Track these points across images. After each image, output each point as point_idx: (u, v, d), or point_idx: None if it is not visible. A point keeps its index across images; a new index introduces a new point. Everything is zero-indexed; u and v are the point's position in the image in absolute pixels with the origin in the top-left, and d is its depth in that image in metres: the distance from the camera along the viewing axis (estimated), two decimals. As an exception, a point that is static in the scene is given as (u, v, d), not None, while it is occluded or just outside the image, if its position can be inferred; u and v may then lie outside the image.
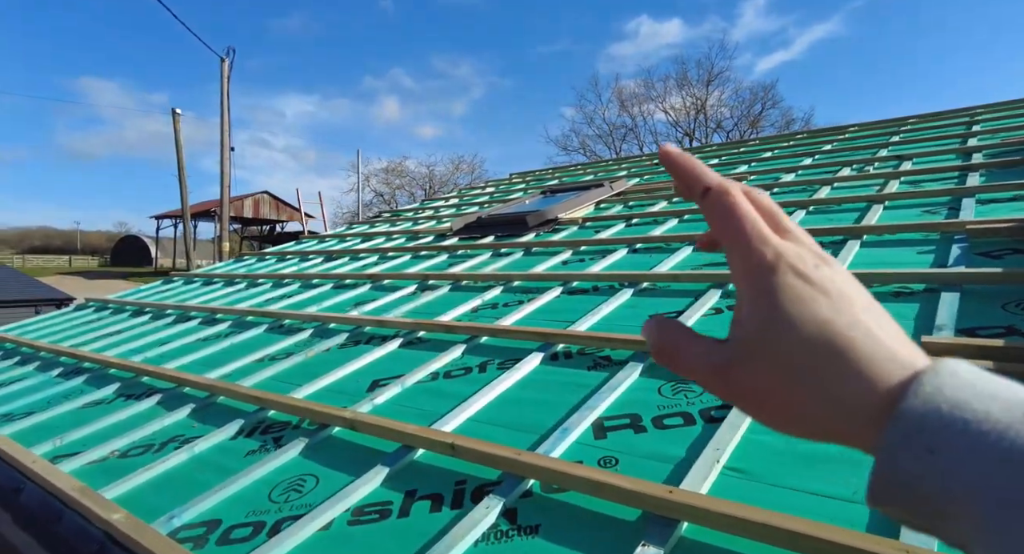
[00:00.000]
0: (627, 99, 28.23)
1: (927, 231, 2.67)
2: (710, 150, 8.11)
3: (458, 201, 8.16)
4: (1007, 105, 5.96)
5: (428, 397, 2.04)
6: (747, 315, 0.31)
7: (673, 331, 0.35)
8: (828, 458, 1.29)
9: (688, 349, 0.34)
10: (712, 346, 0.33)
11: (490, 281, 3.39)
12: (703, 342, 0.34)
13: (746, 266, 0.32)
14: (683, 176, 0.35)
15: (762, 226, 0.32)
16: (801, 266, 0.30)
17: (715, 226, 0.33)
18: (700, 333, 0.35)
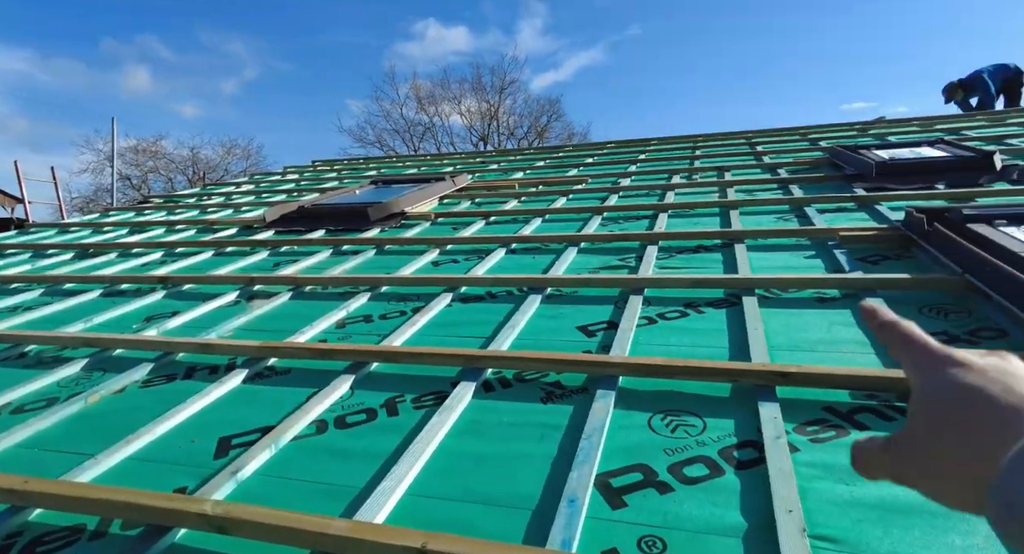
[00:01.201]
0: (424, 97, 27.94)
1: (799, 237, 2.79)
2: (490, 156, 8.23)
3: (254, 188, 6.95)
4: (774, 131, 7.02)
5: (324, 461, 1.40)
6: (913, 401, 0.37)
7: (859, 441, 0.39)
8: (909, 510, 1.07)
9: (867, 444, 0.38)
10: (878, 438, 0.38)
11: (347, 286, 2.73)
12: (875, 438, 0.38)
13: (916, 362, 0.37)
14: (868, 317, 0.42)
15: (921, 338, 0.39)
16: (960, 354, 0.36)
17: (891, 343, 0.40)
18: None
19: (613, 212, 3.73)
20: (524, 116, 27.98)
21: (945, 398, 0.33)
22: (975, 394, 0.32)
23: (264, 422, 1.59)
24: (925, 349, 0.37)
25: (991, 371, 0.33)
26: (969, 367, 0.34)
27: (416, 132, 27.17)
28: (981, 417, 0.31)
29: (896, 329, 0.39)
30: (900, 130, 6.21)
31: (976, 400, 0.32)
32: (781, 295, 2.12)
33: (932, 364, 0.36)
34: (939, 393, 0.34)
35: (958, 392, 0.33)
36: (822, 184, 3.94)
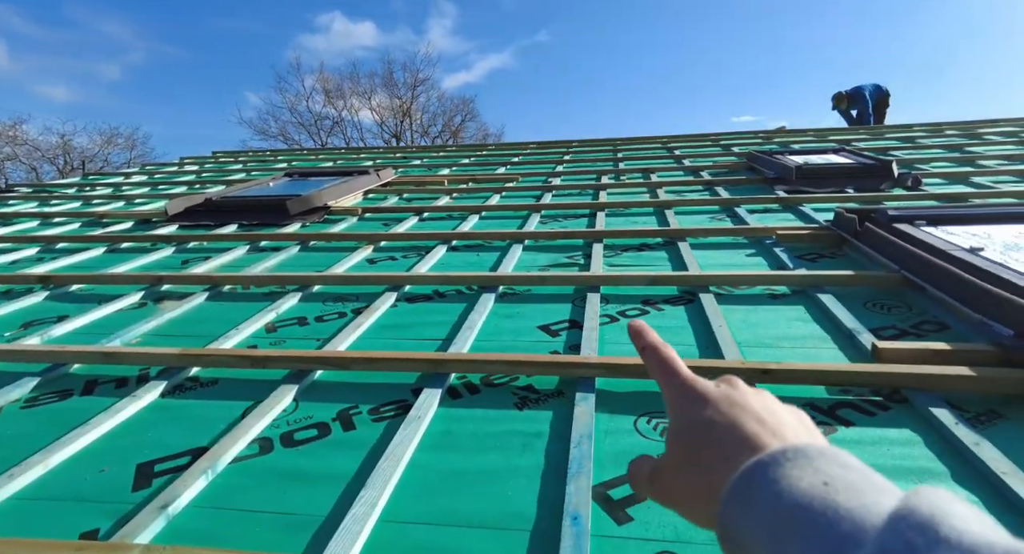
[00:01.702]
0: (332, 91, 26.81)
1: (737, 235, 2.86)
2: (411, 151, 8.03)
3: (147, 179, 6.28)
4: (689, 136, 7.33)
5: (276, 485, 1.20)
6: (666, 435, 0.38)
7: (635, 462, 0.41)
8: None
9: (639, 467, 0.40)
10: (650, 461, 0.39)
11: (272, 285, 2.46)
12: (648, 460, 0.40)
13: (666, 395, 0.39)
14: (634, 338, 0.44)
15: (673, 368, 0.40)
16: (699, 387, 0.38)
17: (650, 369, 0.42)
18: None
19: (551, 210, 3.67)
20: (438, 115, 27.62)
21: (687, 437, 0.36)
22: (708, 432, 0.35)
23: (193, 442, 1.36)
24: (675, 380, 0.39)
25: (722, 404, 0.35)
26: (706, 401, 0.36)
27: (324, 126, 26.00)
28: (712, 454, 0.33)
29: (656, 354, 0.41)
30: (799, 139, 6.68)
31: (708, 437, 0.34)
32: (733, 292, 2.14)
33: (680, 398, 0.38)
34: (683, 431, 0.36)
35: (696, 430, 0.35)
36: (745, 186, 4.12)
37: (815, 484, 0.27)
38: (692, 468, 0.34)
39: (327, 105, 25.96)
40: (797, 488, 0.27)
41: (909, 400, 1.36)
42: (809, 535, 0.25)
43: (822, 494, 0.26)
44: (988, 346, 1.47)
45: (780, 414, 0.35)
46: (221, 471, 1.25)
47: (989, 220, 2.38)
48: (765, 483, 0.29)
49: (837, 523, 0.25)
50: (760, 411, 0.35)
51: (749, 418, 0.34)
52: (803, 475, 0.28)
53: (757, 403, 0.36)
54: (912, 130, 6.67)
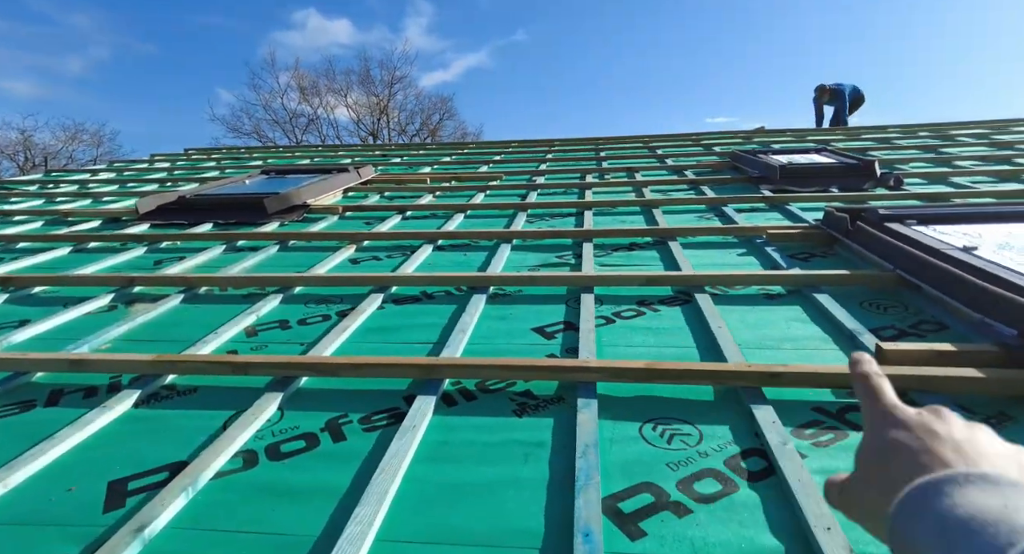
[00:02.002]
0: (307, 88, 26.36)
1: (727, 235, 2.84)
2: (391, 149, 7.91)
3: (116, 176, 6.06)
4: (669, 136, 7.34)
5: (263, 503, 1.12)
6: (858, 451, 0.40)
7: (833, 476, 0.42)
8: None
9: (835, 479, 0.42)
10: (846, 476, 0.41)
11: (251, 287, 2.35)
12: (843, 475, 0.41)
13: (866, 417, 0.41)
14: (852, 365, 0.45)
15: (880, 393, 0.42)
16: (900, 413, 0.40)
17: (858, 394, 0.43)
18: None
19: (537, 209, 3.61)
20: (416, 113, 27.36)
21: (878, 454, 0.38)
22: (898, 450, 0.36)
23: (171, 457, 1.26)
24: (878, 404, 0.41)
25: (918, 430, 0.37)
26: (903, 425, 0.38)
27: (299, 124, 25.56)
28: (899, 470, 0.35)
29: (868, 381, 0.42)
30: (778, 139, 6.74)
31: (897, 456, 0.36)
32: (729, 292, 2.11)
33: (879, 420, 0.39)
34: (874, 450, 0.38)
35: (887, 450, 0.37)
36: (730, 185, 4.11)
37: (993, 504, 0.28)
38: (877, 485, 0.36)
39: (302, 102, 25.54)
40: (973, 503, 0.28)
41: (917, 403, 1.33)
42: (976, 541, 0.26)
43: (999, 510, 0.27)
44: (992, 347, 1.45)
45: (987, 449, 0.35)
46: (202, 488, 1.16)
47: (978, 219, 2.39)
48: (938, 496, 0.30)
49: (1008, 534, 0.25)
50: (961, 442, 0.35)
51: (946, 447, 0.35)
52: (982, 495, 0.29)
53: (960, 435, 0.36)
54: (887, 131, 6.78)
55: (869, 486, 0.37)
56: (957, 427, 0.37)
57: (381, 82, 26.43)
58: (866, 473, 0.38)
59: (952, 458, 0.34)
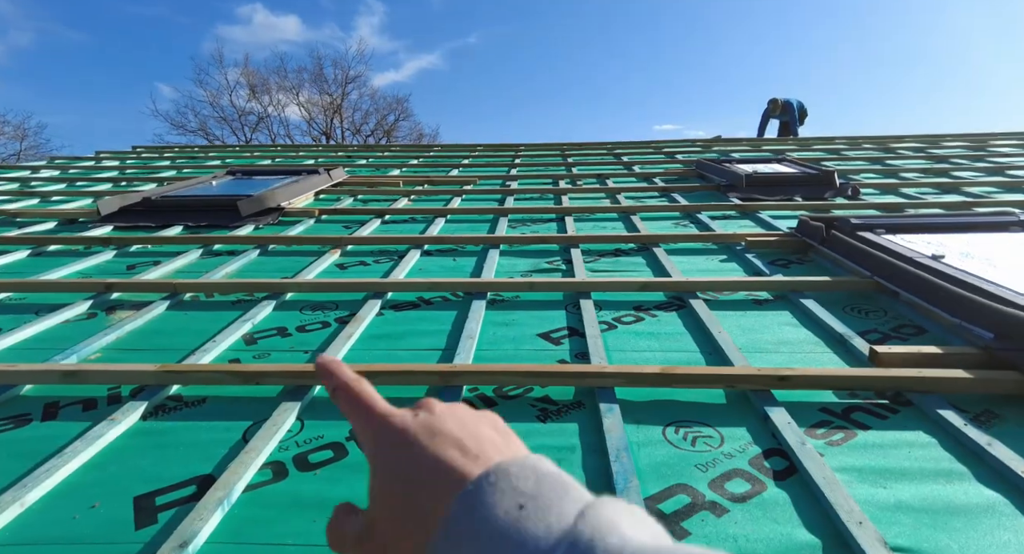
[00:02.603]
0: (258, 85, 25.56)
1: (706, 242, 2.95)
2: (355, 150, 7.79)
3: (60, 174, 5.74)
4: (632, 143, 7.53)
5: (303, 515, 1.10)
6: (370, 485, 0.34)
7: (336, 514, 0.35)
8: (952, 510, 1.11)
9: (342, 525, 0.35)
10: (357, 517, 0.35)
11: (240, 293, 2.29)
12: (354, 516, 0.35)
13: (364, 439, 0.36)
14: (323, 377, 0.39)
15: (369, 404, 0.36)
16: (397, 422, 0.34)
17: (344, 411, 0.37)
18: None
19: (518, 214, 3.64)
20: (371, 112, 26.96)
21: (394, 487, 0.32)
22: (414, 475, 0.32)
23: (194, 471, 1.22)
24: (372, 420, 0.35)
25: (423, 437, 0.33)
26: (406, 439, 0.33)
27: (248, 122, 24.75)
28: (422, 501, 0.31)
29: (349, 392, 0.37)
30: (736, 148, 7.02)
31: (416, 481, 0.32)
32: (719, 297, 2.19)
33: (380, 440, 0.34)
34: (388, 481, 0.33)
35: (402, 478, 0.32)
36: (698, 193, 4.26)
37: (510, 510, 0.27)
38: (406, 521, 0.31)
39: (252, 100, 24.75)
40: (494, 517, 0.27)
41: (913, 403, 1.43)
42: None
43: (514, 521, 0.26)
44: (974, 349, 1.58)
45: (478, 431, 0.34)
46: (235, 501, 1.13)
47: (938, 230, 2.57)
48: (466, 520, 0.28)
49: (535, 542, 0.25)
50: (459, 434, 0.33)
51: (450, 447, 0.32)
52: (501, 501, 0.27)
53: (454, 426, 0.34)
54: (835, 142, 7.16)
55: (395, 524, 0.32)
56: (448, 418, 0.35)
57: (335, 81, 25.94)
58: (389, 509, 0.32)
59: (463, 462, 0.31)
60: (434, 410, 0.36)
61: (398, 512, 0.32)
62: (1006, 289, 1.78)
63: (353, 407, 0.37)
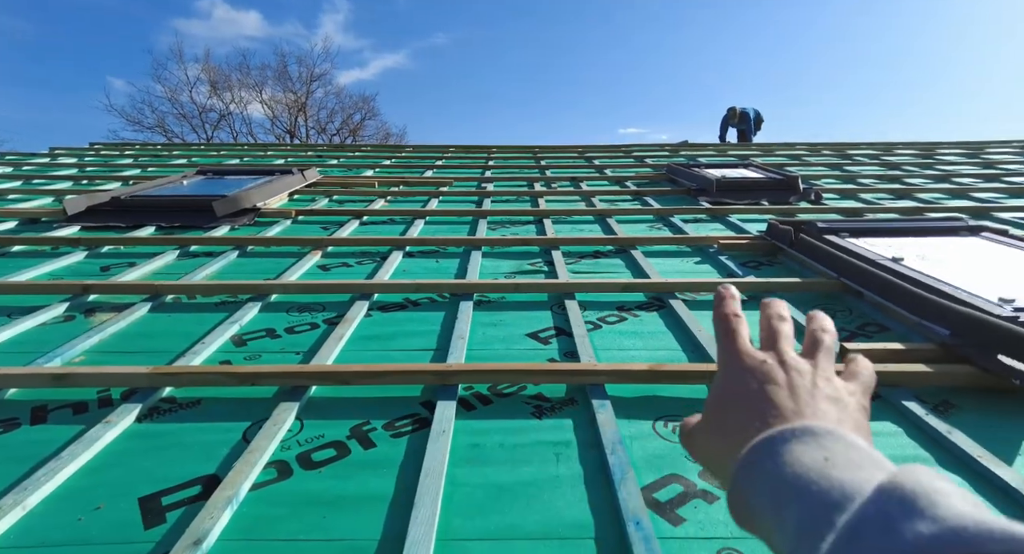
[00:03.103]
0: (219, 82, 24.90)
1: (681, 244, 3.05)
2: (325, 150, 7.73)
3: (12, 171, 5.53)
4: (602, 147, 7.66)
5: (314, 511, 1.12)
6: (709, 392, 0.42)
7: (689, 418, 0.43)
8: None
9: (686, 423, 0.43)
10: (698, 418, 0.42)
11: (223, 295, 2.27)
12: (696, 417, 0.42)
13: (719, 360, 0.42)
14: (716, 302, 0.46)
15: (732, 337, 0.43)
16: (748, 360, 0.40)
17: (716, 335, 0.44)
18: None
19: (497, 216, 3.69)
20: (336, 111, 26.59)
21: (721, 403, 0.39)
22: (738, 401, 0.37)
23: (198, 471, 1.23)
24: (731, 347, 0.42)
25: (759, 375, 0.38)
26: (749, 373, 0.39)
27: (209, 119, 24.11)
28: (736, 422, 0.36)
29: (727, 323, 0.43)
30: (702, 153, 7.22)
31: (737, 406, 0.37)
32: (696, 298, 2.29)
33: (728, 365, 0.40)
34: (719, 398, 0.39)
35: (730, 398, 0.38)
36: (670, 197, 4.39)
37: (816, 459, 0.29)
38: (718, 432, 0.38)
39: (213, 97, 24.11)
40: (799, 461, 0.29)
41: (881, 395, 1.54)
42: (803, 501, 0.27)
43: (820, 467, 0.29)
44: (931, 345, 1.70)
45: (820, 393, 0.37)
46: (243, 499, 1.15)
47: (896, 234, 2.73)
48: (769, 456, 0.31)
49: (828, 492, 0.27)
50: (798, 388, 0.37)
51: (780, 393, 0.36)
52: (806, 450, 0.30)
53: (799, 381, 0.37)
54: (795, 148, 7.44)
55: (710, 431, 0.39)
56: (797, 372, 0.38)
57: (299, 79, 25.46)
58: (709, 419, 0.39)
59: (787, 405, 0.35)
60: (786, 360, 0.39)
61: (714, 426, 0.39)
62: (960, 289, 1.92)
63: (725, 334, 0.43)
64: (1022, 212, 3.69)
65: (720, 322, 0.44)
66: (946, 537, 0.21)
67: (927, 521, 0.22)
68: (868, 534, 0.23)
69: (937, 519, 0.22)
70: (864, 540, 0.23)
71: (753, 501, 0.31)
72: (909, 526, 0.22)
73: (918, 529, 0.22)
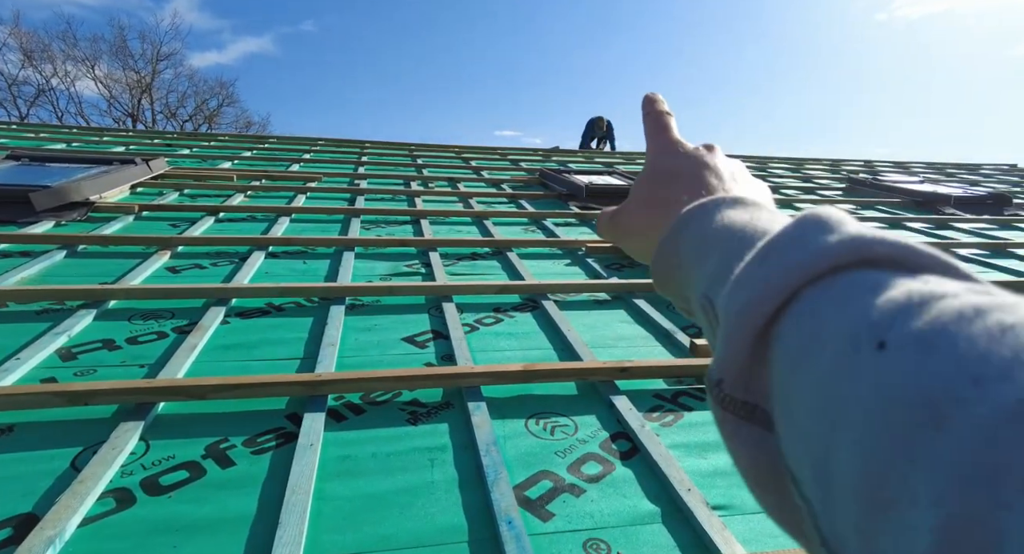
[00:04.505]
0: (36, 51, 21.53)
1: (552, 247, 3.17)
2: (174, 138, 7.12)
3: None
4: (478, 148, 7.74)
5: (159, 542, 1.01)
6: (637, 180, 0.43)
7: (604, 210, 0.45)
8: (748, 465, 1.37)
9: (604, 213, 0.45)
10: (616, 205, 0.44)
11: (46, 301, 1.98)
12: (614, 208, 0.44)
13: (649, 148, 0.44)
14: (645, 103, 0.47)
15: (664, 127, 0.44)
16: (681, 147, 0.42)
17: (646, 129, 0.45)
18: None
19: (372, 215, 3.58)
20: (189, 95, 24.24)
21: (653, 180, 0.41)
22: (672, 178, 0.40)
23: (10, 510, 1.06)
24: (662, 136, 0.44)
25: (693, 159, 0.41)
26: (681, 156, 0.41)
27: (24, 94, 20.83)
28: (669, 196, 0.38)
29: (659, 118, 0.46)
30: (572, 159, 7.56)
31: (670, 182, 0.40)
32: (567, 298, 2.40)
33: (661, 151, 0.43)
34: (651, 176, 0.42)
35: (663, 176, 0.41)
36: (542, 200, 4.54)
37: (743, 217, 0.31)
38: (648, 206, 0.40)
39: (28, 68, 20.83)
40: (727, 216, 0.32)
41: (724, 385, 1.71)
42: (726, 245, 0.29)
43: (745, 219, 0.31)
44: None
45: (741, 178, 0.40)
46: (70, 538, 1.01)
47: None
48: (703, 214, 0.33)
49: (752, 236, 0.28)
50: (724, 172, 0.40)
51: (712, 175, 0.39)
52: (738, 212, 0.32)
53: (724, 166, 0.41)
54: (655, 158, 8.05)
55: (641, 207, 0.41)
56: (721, 160, 0.42)
57: (142, 57, 22.85)
58: (640, 195, 0.41)
59: (716, 184, 0.38)
60: (714, 151, 0.42)
61: (645, 202, 0.40)
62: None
63: (655, 126, 0.44)
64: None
65: (656, 117, 0.45)
66: (846, 242, 0.23)
67: (833, 234, 0.24)
68: (781, 246, 0.24)
69: (841, 233, 0.24)
70: (777, 250, 0.24)
71: (680, 252, 0.33)
72: (817, 238, 0.24)
73: (826, 239, 0.24)
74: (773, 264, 0.24)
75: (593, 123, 10.86)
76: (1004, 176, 7.75)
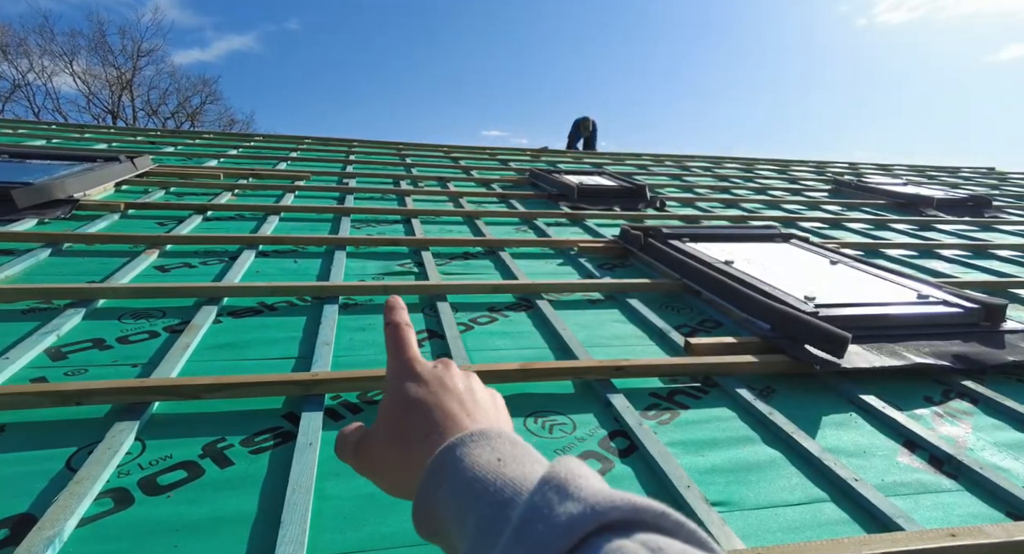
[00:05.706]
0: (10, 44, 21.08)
1: (544, 246, 3.18)
2: (158, 135, 7.01)
3: None
4: (468, 148, 7.73)
5: (159, 542, 1.00)
6: (379, 407, 0.42)
7: (345, 428, 0.43)
8: (753, 467, 1.39)
9: (347, 433, 0.42)
10: (360, 429, 0.42)
11: (32, 300, 1.94)
12: (358, 429, 0.42)
13: (390, 369, 0.43)
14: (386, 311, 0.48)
15: (404, 346, 0.45)
16: (418, 367, 0.42)
17: (387, 344, 0.45)
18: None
19: (362, 215, 3.56)
20: (171, 93, 23.94)
21: (396, 412, 0.39)
22: (415, 409, 0.39)
23: (6, 511, 1.04)
24: (401, 357, 0.43)
25: (433, 384, 0.40)
26: (421, 381, 0.41)
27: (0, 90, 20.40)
28: (415, 431, 0.37)
29: (397, 331, 0.46)
30: (561, 159, 7.58)
31: (414, 415, 0.38)
32: (560, 298, 2.40)
33: (400, 375, 0.42)
34: (393, 407, 0.40)
35: (405, 407, 0.39)
36: (533, 200, 4.55)
37: (491, 460, 0.32)
38: (395, 442, 0.38)
39: (3, 62, 20.41)
40: (476, 464, 0.32)
41: (719, 384, 1.74)
42: (481, 502, 0.30)
43: (495, 468, 0.31)
44: (756, 338, 1.96)
45: (479, 397, 0.41)
46: (69, 538, 0.99)
47: (727, 239, 3.09)
48: (452, 462, 0.33)
49: (503, 490, 0.29)
50: (463, 394, 0.40)
51: (452, 400, 0.39)
52: (483, 453, 0.32)
53: (462, 386, 0.41)
54: (642, 158, 8.11)
55: (386, 442, 0.39)
56: (459, 379, 0.42)
57: (123, 53, 22.51)
58: (385, 430, 0.40)
59: (458, 411, 0.38)
60: (449, 369, 0.42)
61: (390, 436, 0.39)
62: (776, 289, 2.23)
63: (395, 343, 0.44)
64: (819, 222, 4.38)
65: (392, 331, 0.45)
66: (587, 513, 0.25)
67: (575, 502, 0.26)
68: (533, 521, 0.26)
69: (580, 499, 0.26)
70: (531, 527, 0.26)
71: (438, 509, 0.32)
72: (563, 509, 0.26)
73: (569, 510, 0.26)
74: (528, 543, 0.25)
75: (579, 123, 10.91)
76: (983, 178, 7.92)
